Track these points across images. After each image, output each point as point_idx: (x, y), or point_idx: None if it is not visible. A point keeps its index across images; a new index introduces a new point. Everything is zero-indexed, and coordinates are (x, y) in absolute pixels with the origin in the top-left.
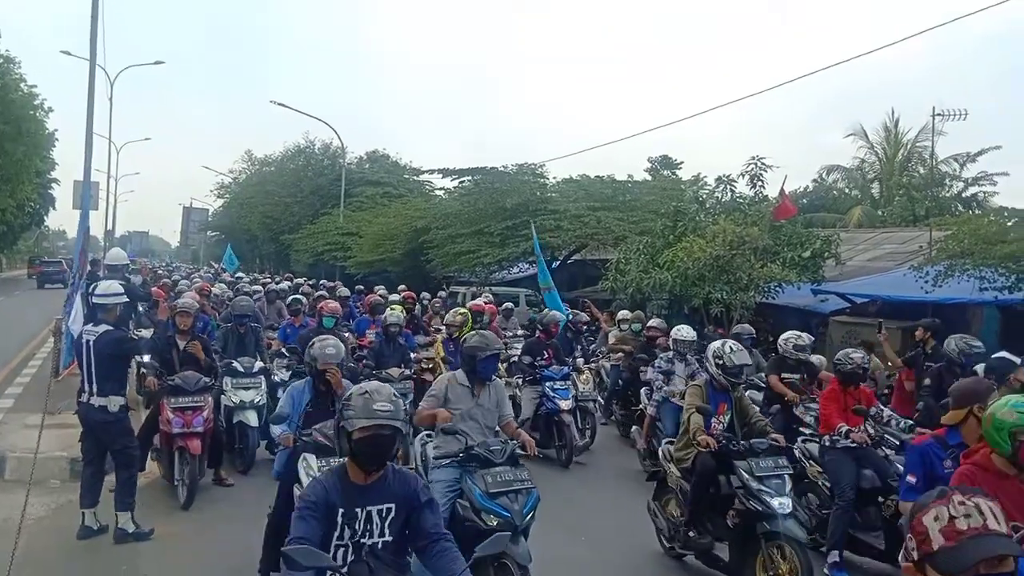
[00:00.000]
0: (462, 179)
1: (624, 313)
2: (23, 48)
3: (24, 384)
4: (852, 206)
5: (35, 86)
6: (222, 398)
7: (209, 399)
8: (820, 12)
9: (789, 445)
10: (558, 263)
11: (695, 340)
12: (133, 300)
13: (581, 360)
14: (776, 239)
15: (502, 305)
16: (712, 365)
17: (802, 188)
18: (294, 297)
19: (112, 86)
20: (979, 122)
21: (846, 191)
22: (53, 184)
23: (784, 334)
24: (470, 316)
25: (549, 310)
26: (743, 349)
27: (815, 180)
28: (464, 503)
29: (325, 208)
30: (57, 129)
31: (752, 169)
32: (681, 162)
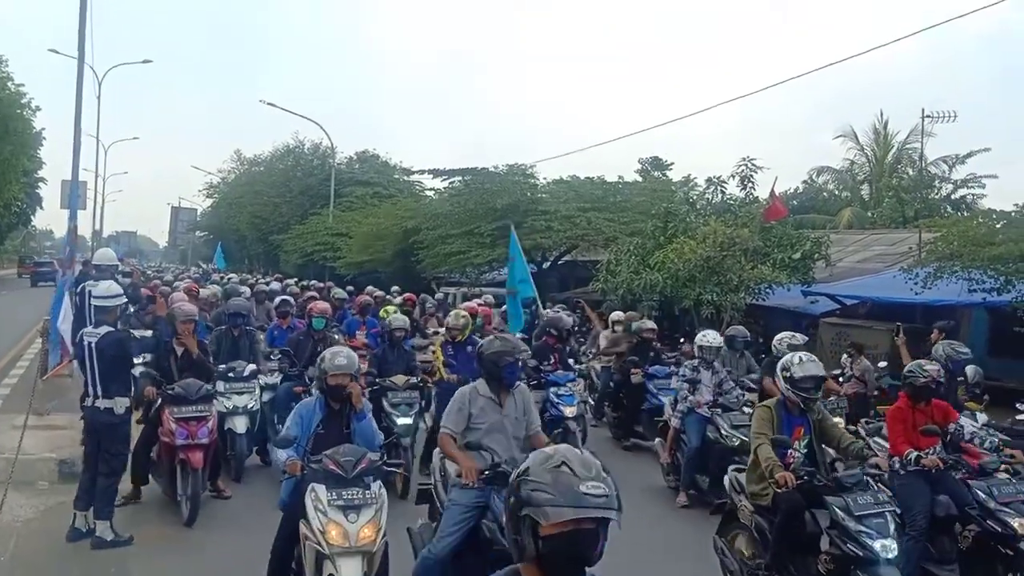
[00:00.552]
0: (452, 180)
1: (617, 314)
2: (10, 46)
3: (12, 385)
4: (842, 207)
5: (22, 85)
6: (214, 403)
7: (213, 409)
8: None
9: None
10: (549, 264)
11: (722, 347)
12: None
13: (572, 361)
14: (766, 240)
15: (501, 307)
16: (781, 381)
17: (792, 189)
18: (282, 298)
19: (100, 85)
20: (968, 124)
21: (836, 192)
22: (40, 183)
23: (778, 335)
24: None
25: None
26: (813, 359)
27: (805, 181)
28: (491, 525)
29: (315, 208)
30: (44, 128)
31: (743, 170)
32: (671, 163)
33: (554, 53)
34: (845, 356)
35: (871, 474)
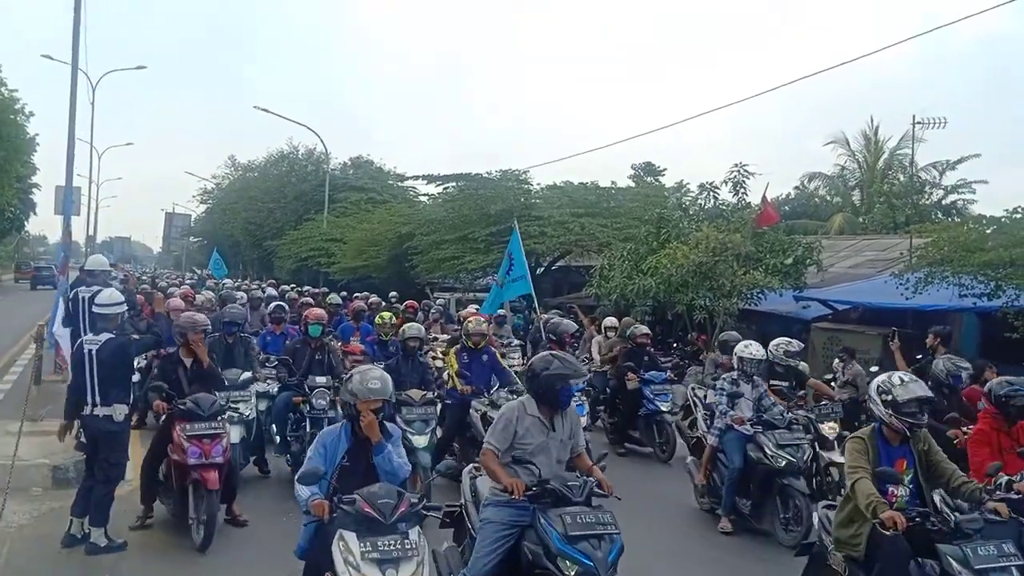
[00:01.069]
0: (446, 185)
1: (611, 320)
2: (3, 51)
3: (5, 391)
4: (833, 213)
5: (16, 90)
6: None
7: (227, 424)
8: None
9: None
10: (542, 269)
11: (764, 359)
12: None
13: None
14: (759, 246)
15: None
16: (879, 406)
17: (784, 195)
18: (276, 304)
19: (94, 90)
20: (959, 130)
21: (827, 198)
22: (34, 189)
23: (774, 340)
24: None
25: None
26: (916, 379)
27: (797, 187)
28: (534, 547)
29: (309, 214)
30: (38, 134)
31: (735, 176)
32: (664, 169)
33: (549, 57)
34: (837, 361)
35: (990, 519)
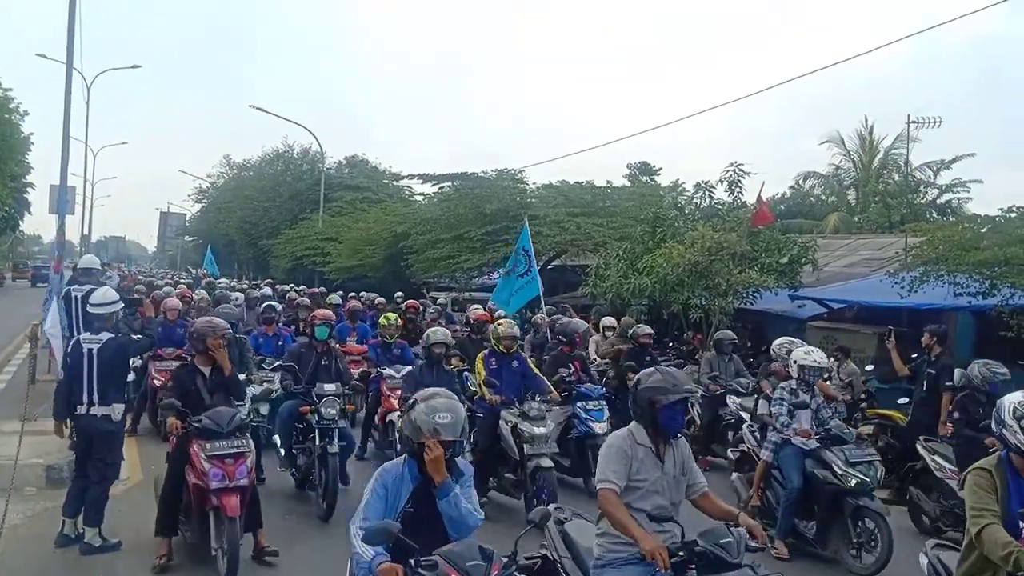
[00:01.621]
0: (442, 184)
1: (609, 320)
2: None
3: (0, 391)
4: (828, 212)
5: (10, 89)
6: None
7: (251, 442)
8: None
9: None
10: (538, 268)
11: (827, 368)
12: None
13: None
14: (754, 245)
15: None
16: (1018, 433)
17: (779, 194)
18: (267, 304)
19: (89, 89)
20: (954, 129)
21: (822, 197)
22: (29, 188)
23: (778, 340)
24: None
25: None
26: None
27: (792, 186)
28: None
29: (304, 213)
30: (33, 133)
31: (730, 175)
32: (660, 168)
33: (547, 56)
34: (832, 360)
35: None
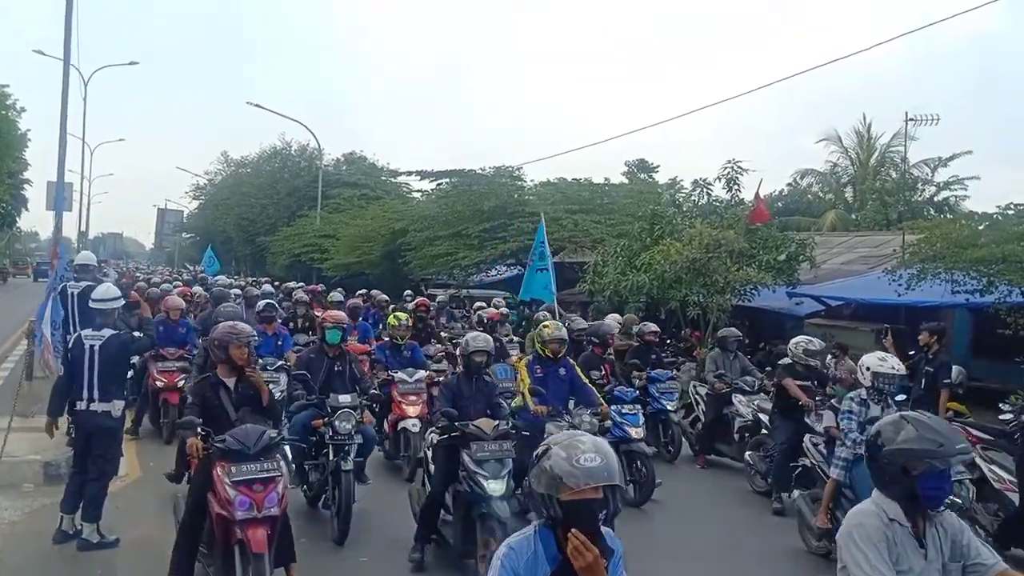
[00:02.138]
0: (439, 181)
1: (614, 317)
2: None
3: None
4: (826, 210)
5: (7, 86)
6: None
7: (283, 465)
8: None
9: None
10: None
11: (904, 375)
12: None
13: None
14: (752, 242)
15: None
16: None
17: (777, 192)
18: (266, 302)
19: (86, 86)
20: (951, 127)
21: (820, 195)
22: (26, 185)
23: (795, 339)
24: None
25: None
26: None
27: (790, 184)
28: None
29: (302, 210)
30: (30, 129)
31: (728, 173)
32: (658, 165)
33: (546, 55)
34: (830, 357)
35: None
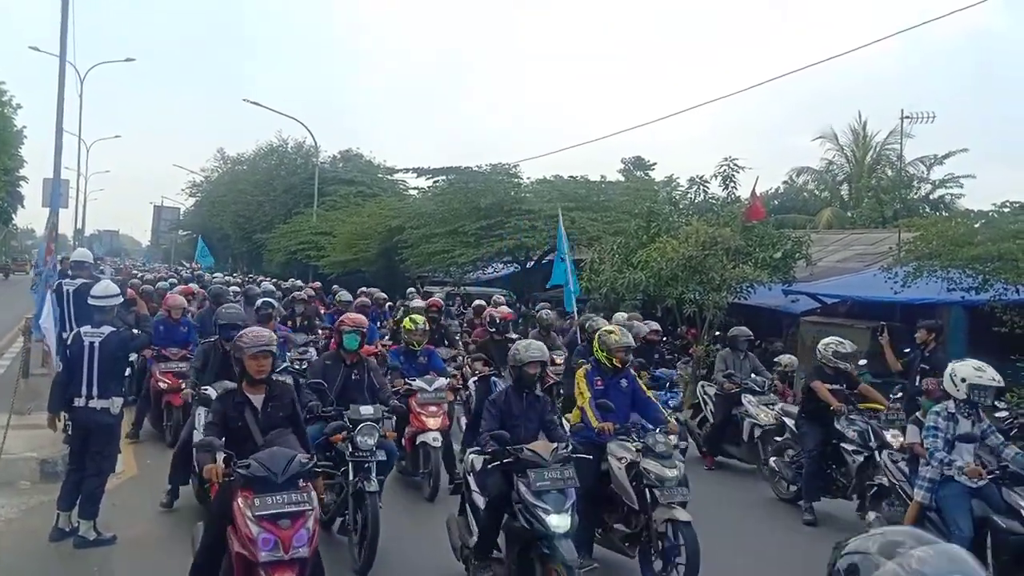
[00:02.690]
0: (436, 179)
1: (619, 316)
2: None
3: None
4: (822, 208)
5: (3, 82)
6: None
7: (314, 496)
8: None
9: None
10: (533, 263)
11: (1003, 386)
12: None
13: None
14: (748, 240)
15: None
16: None
17: (773, 189)
18: (264, 300)
19: (82, 83)
20: (947, 125)
21: (816, 193)
22: (22, 182)
23: (824, 340)
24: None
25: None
26: None
27: (785, 182)
28: None
29: (298, 207)
30: (26, 126)
31: (724, 170)
32: (654, 163)
33: (545, 53)
34: None
35: None
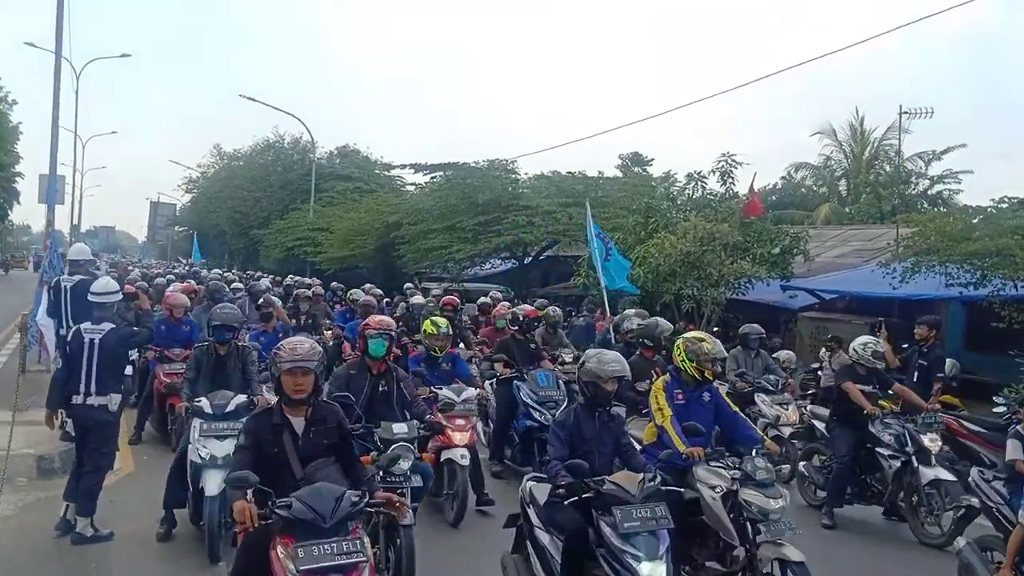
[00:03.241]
0: (433, 175)
1: (629, 312)
2: None
3: None
4: (820, 203)
5: None
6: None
7: (366, 543)
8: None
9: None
10: (530, 259)
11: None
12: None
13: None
14: (746, 236)
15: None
16: None
17: (771, 185)
18: (264, 297)
19: (78, 78)
20: (945, 120)
21: (814, 188)
22: (17, 178)
23: (860, 339)
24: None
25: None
26: None
27: (784, 177)
28: None
29: (295, 203)
30: (22, 122)
31: (722, 166)
32: (652, 159)
33: (543, 47)
34: (824, 350)
35: None
